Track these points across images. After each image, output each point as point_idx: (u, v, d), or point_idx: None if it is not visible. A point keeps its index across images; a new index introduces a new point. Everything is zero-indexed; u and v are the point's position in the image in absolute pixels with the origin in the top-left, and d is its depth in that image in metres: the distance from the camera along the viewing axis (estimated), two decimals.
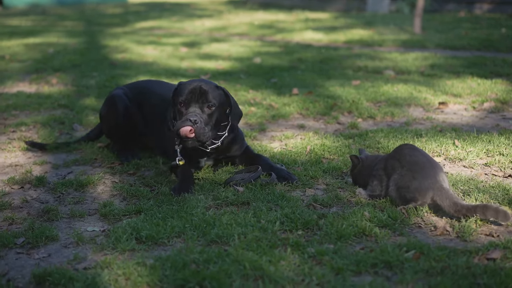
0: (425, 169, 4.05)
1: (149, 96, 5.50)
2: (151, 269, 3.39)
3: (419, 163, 4.09)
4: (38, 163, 5.47)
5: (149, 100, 5.47)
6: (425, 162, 4.10)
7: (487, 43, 12.15)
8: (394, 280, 3.26)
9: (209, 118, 4.68)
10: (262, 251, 3.56)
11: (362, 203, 4.26)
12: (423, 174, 4.02)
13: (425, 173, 4.02)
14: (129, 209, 4.33)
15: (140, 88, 5.64)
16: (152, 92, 5.51)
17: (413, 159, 4.11)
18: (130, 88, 5.67)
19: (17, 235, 3.94)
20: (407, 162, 4.11)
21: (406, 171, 4.08)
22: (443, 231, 3.84)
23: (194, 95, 4.67)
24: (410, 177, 4.04)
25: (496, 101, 7.26)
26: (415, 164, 4.08)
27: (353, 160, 4.55)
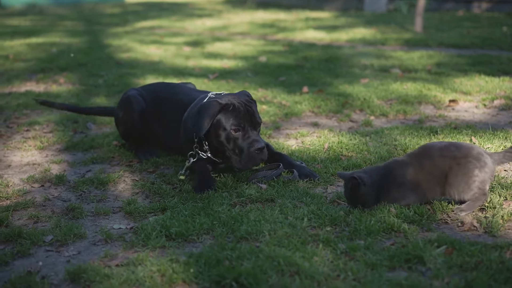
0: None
1: (165, 97, 5.45)
2: (186, 266, 3.39)
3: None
4: (56, 161, 5.47)
5: (165, 101, 5.42)
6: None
7: (489, 41, 12.18)
8: (428, 275, 3.28)
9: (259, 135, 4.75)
10: (294, 247, 3.57)
11: None
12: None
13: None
14: (154, 207, 4.34)
15: (156, 90, 5.60)
16: (168, 94, 5.48)
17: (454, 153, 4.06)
18: (146, 90, 5.66)
19: (45, 232, 3.95)
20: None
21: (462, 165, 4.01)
22: (470, 227, 3.85)
23: (247, 119, 4.67)
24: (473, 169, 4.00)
25: (506, 98, 7.29)
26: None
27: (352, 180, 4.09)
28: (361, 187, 4.04)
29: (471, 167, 3.97)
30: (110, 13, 21.74)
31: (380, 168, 4.20)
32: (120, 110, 5.59)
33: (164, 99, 5.43)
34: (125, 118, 5.53)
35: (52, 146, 5.92)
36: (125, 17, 19.74)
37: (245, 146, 4.61)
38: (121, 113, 5.56)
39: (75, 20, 18.61)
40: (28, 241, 3.83)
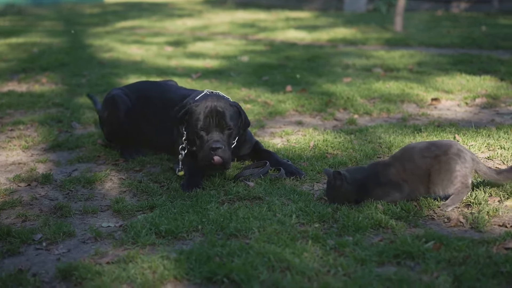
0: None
1: (151, 96, 5.45)
2: (177, 263, 3.42)
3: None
4: (41, 161, 5.46)
5: (151, 100, 5.43)
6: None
7: (469, 41, 12.28)
8: (417, 269, 3.32)
9: (228, 139, 4.74)
10: (284, 243, 3.60)
11: None
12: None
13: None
14: (142, 205, 4.36)
15: (141, 88, 5.60)
16: (153, 92, 5.48)
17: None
18: (130, 88, 5.65)
19: (34, 231, 3.96)
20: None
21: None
22: (457, 223, 3.90)
23: (212, 119, 4.72)
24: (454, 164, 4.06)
25: (488, 97, 7.36)
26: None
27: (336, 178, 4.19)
28: (343, 184, 4.11)
29: (453, 163, 4.05)
30: (89, 13, 21.64)
31: (364, 168, 4.29)
32: (104, 110, 5.58)
33: (152, 98, 5.43)
34: (110, 118, 5.51)
35: (37, 145, 5.91)
36: (105, 17, 19.67)
37: (204, 144, 4.68)
38: (105, 113, 5.54)
39: (54, 20, 18.51)
40: (17, 239, 3.84)
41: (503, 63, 9.61)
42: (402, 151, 4.26)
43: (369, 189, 4.16)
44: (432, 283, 3.15)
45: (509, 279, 3.19)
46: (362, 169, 4.30)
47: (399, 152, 4.28)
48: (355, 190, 4.17)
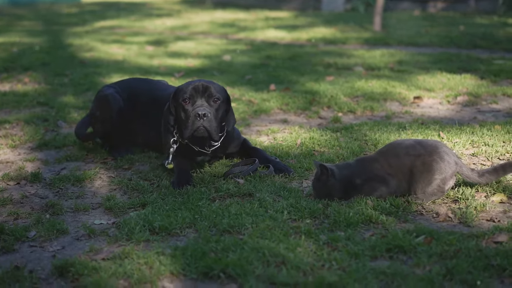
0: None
1: (142, 94, 5.49)
2: (172, 258, 3.45)
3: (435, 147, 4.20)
4: (29, 159, 5.47)
5: (142, 98, 5.46)
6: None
7: (447, 40, 12.42)
8: (410, 263, 3.38)
9: (216, 113, 4.75)
10: (277, 239, 3.65)
11: None
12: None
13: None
14: (134, 202, 4.39)
15: (131, 86, 5.62)
16: (144, 90, 5.51)
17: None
18: (121, 86, 5.66)
19: (27, 228, 3.97)
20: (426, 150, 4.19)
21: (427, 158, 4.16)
22: (445, 218, 3.97)
23: (198, 91, 4.74)
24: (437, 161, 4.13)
25: (469, 95, 7.46)
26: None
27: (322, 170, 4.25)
28: (329, 179, 4.18)
29: (435, 165, 4.12)
30: (67, 13, 21.58)
31: (350, 164, 4.33)
32: (97, 108, 5.57)
33: (142, 96, 5.46)
34: (102, 117, 5.51)
35: (24, 144, 5.91)
36: (83, 16, 19.61)
37: (190, 112, 4.69)
38: (98, 112, 5.54)
39: (32, 20, 18.44)
40: (11, 237, 3.85)
41: (482, 61, 9.73)
42: (389, 146, 4.32)
43: (356, 185, 4.22)
44: (425, 276, 3.21)
45: (499, 271, 3.25)
46: (349, 165, 4.35)
47: (385, 147, 4.35)
48: (342, 186, 4.23)
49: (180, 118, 4.82)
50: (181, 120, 4.81)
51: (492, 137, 5.58)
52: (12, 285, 3.28)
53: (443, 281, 3.18)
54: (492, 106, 7.02)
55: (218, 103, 4.76)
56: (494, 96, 7.42)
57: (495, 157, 5.11)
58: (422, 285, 3.13)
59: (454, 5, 19.97)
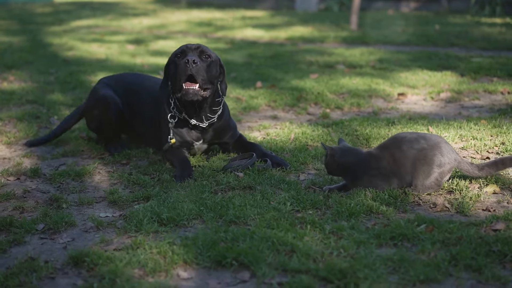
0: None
1: (138, 89, 5.55)
2: (184, 248, 3.54)
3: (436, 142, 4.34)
4: (26, 155, 5.53)
5: (138, 93, 5.53)
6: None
7: (424, 38, 12.61)
8: (414, 250, 3.51)
9: (207, 68, 4.87)
10: (284, 228, 3.75)
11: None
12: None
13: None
14: (137, 196, 4.47)
15: (127, 81, 5.68)
16: (140, 86, 5.58)
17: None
18: (117, 81, 5.71)
19: (35, 221, 4.04)
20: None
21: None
22: (443, 208, 4.11)
23: (190, 48, 4.87)
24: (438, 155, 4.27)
25: (451, 91, 7.63)
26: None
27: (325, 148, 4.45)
28: (327, 158, 4.37)
29: (435, 159, 4.25)
30: (41, 12, 21.51)
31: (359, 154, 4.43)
32: (94, 107, 5.60)
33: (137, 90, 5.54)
34: (100, 117, 5.56)
35: (19, 141, 5.96)
36: (58, 16, 19.58)
37: (180, 62, 4.80)
38: (95, 111, 5.58)
39: (7, 20, 18.38)
40: (21, 229, 3.91)
41: (461, 59, 9.93)
42: (392, 140, 4.43)
43: (357, 175, 4.35)
44: (431, 261, 3.33)
45: (501, 257, 3.39)
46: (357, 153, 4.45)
47: (389, 140, 4.45)
48: (342, 169, 4.40)
49: (172, 76, 4.94)
50: (173, 77, 4.93)
51: (480, 131, 5.74)
52: (29, 274, 3.35)
53: (448, 266, 3.31)
54: (475, 102, 7.20)
55: (209, 60, 4.90)
56: (476, 93, 7.59)
57: (484, 150, 5.26)
58: (429, 270, 3.25)
59: (427, 4, 20.23)
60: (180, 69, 4.80)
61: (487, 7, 17.87)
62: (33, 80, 8.84)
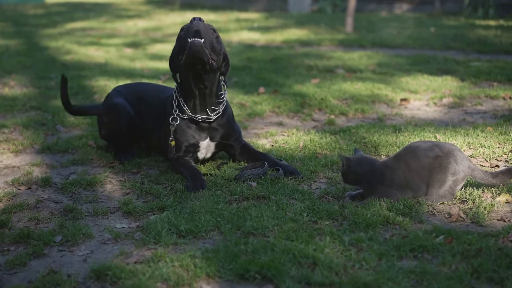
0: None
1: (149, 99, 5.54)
2: (207, 260, 3.55)
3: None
4: (36, 164, 5.51)
5: (149, 103, 5.52)
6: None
7: (420, 41, 12.67)
8: (435, 262, 3.53)
9: (214, 39, 4.87)
10: (304, 240, 3.77)
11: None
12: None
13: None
14: (152, 206, 4.47)
15: (140, 90, 5.68)
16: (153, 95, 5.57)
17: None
18: (130, 90, 5.73)
19: (53, 233, 4.03)
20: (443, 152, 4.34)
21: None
22: (458, 218, 4.13)
23: (194, 23, 4.78)
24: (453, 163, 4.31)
25: (453, 97, 7.67)
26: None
27: (341, 160, 4.51)
28: (344, 167, 4.43)
29: (449, 166, 4.28)
30: (33, 14, 21.47)
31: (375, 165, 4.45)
32: (105, 114, 5.62)
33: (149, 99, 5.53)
34: (110, 125, 5.58)
35: (27, 149, 5.95)
36: (51, 18, 19.55)
37: (184, 31, 4.81)
38: (106, 118, 5.60)
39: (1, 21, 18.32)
40: (39, 242, 3.91)
41: (459, 63, 9.98)
42: (407, 149, 4.45)
43: (372, 186, 4.39)
44: (453, 274, 3.36)
45: None
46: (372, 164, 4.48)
47: (404, 150, 4.48)
48: (357, 177, 4.45)
49: (176, 51, 4.98)
50: (177, 51, 4.96)
51: (487, 138, 5.77)
52: None
53: (471, 279, 3.33)
54: (477, 108, 7.24)
55: (216, 35, 4.91)
56: (478, 98, 7.63)
57: (493, 158, 5.30)
58: (452, 283, 3.27)
59: (420, 6, 20.31)
60: (185, 33, 4.77)
61: (480, 9, 17.95)
62: (34, 85, 8.82)
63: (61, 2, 27.72)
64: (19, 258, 3.70)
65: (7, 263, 3.66)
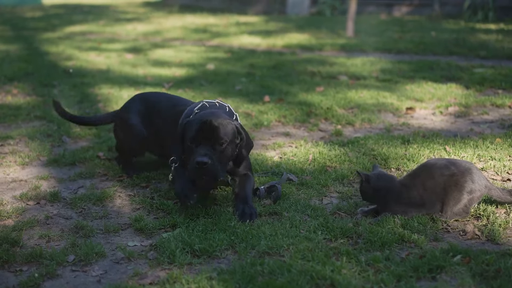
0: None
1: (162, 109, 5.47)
2: (224, 283, 3.52)
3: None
4: (43, 177, 5.47)
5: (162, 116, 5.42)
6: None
7: (422, 46, 12.63)
8: (454, 284, 3.50)
9: (221, 154, 4.64)
10: (321, 260, 3.74)
11: None
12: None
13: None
14: (163, 223, 4.43)
15: (153, 101, 5.59)
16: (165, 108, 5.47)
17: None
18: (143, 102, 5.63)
19: (65, 252, 4.00)
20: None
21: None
22: (473, 235, 4.11)
23: (204, 132, 4.62)
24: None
25: (459, 105, 7.65)
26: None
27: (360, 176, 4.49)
28: (363, 184, 4.43)
29: (465, 186, 4.27)
30: (31, 16, 21.40)
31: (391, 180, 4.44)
32: (120, 129, 5.60)
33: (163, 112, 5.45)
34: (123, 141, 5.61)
35: (34, 161, 5.90)
36: (50, 21, 19.48)
37: (193, 156, 4.60)
38: (121, 134, 5.59)
39: None
40: (52, 262, 3.87)
41: (463, 69, 9.95)
42: (422, 167, 4.44)
43: (388, 203, 4.37)
44: None
45: None
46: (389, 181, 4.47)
47: (419, 168, 4.46)
48: (376, 195, 4.43)
49: (186, 156, 4.78)
50: (186, 156, 4.76)
51: (497, 150, 5.75)
52: None
53: None
54: (484, 117, 7.21)
55: (224, 145, 4.64)
56: (484, 107, 7.61)
57: (504, 172, 5.28)
58: None
59: (419, 9, 20.27)
60: (191, 165, 4.58)
61: (479, 12, 17.92)
62: (37, 93, 8.76)
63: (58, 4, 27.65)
64: (33, 280, 3.67)
65: (21, 284, 3.63)
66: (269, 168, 5.50)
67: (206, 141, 4.61)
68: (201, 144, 4.61)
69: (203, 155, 4.54)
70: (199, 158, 4.51)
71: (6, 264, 3.88)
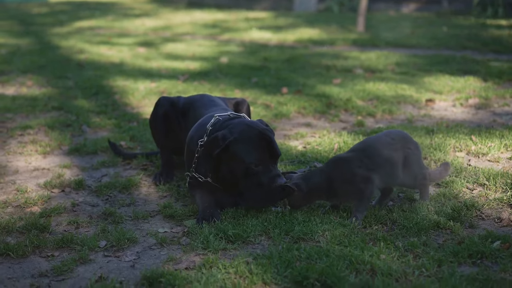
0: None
1: (196, 108, 5.15)
2: (261, 267, 3.45)
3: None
4: (66, 166, 5.41)
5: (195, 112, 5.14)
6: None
7: (435, 41, 12.59)
8: (496, 269, 3.43)
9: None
10: (358, 246, 3.67)
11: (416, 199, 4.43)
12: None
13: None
14: (192, 210, 4.38)
15: (192, 101, 5.28)
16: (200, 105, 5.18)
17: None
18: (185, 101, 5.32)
19: (96, 238, 3.94)
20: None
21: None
22: (509, 222, 4.05)
23: (264, 150, 4.25)
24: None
25: (479, 97, 7.59)
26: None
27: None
28: (295, 194, 4.18)
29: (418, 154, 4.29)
30: (38, 12, 21.38)
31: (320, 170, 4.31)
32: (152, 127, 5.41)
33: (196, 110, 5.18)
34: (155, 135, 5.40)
35: (55, 150, 5.85)
36: (57, 17, 19.47)
37: (265, 182, 4.20)
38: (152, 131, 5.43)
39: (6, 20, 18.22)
40: (84, 247, 3.81)
41: (479, 63, 9.90)
42: (365, 143, 4.33)
43: (335, 187, 4.15)
44: None
45: None
46: (318, 171, 4.29)
47: (361, 144, 4.36)
48: (311, 195, 4.20)
49: (239, 176, 4.30)
50: (240, 179, 4.30)
51: None
52: None
53: None
54: (505, 109, 7.15)
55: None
56: (504, 99, 7.55)
57: None
58: None
59: (428, 5, 20.24)
60: (268, 190, 4.21)
61: (489, 8, 17.87)
62: (52, 85, 8.72)
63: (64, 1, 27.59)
64: (66, 264, 3.60)
65: (54, 269, 3.56)
66: (294, 157, 5.42)
67: (273, 159, 4.30)
68: (266, 163, 4.24)
69: (281, 176, 4.24)
70: (281, 180, 4.19)
71: (38, 249, 3.82)
